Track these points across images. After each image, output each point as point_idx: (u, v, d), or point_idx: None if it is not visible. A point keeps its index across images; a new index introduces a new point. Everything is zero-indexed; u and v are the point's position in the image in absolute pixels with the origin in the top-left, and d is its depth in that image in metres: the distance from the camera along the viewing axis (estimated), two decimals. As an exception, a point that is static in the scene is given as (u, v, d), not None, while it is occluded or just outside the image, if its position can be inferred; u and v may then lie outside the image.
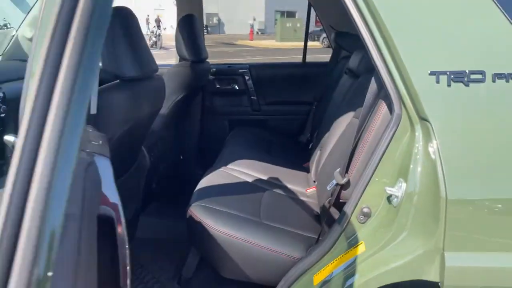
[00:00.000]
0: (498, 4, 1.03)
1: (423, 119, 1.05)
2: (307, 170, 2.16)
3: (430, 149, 1.04)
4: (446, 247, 1.02)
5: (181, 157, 2.85)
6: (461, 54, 1.04)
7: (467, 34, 1.03)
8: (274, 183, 1.91)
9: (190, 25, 2.41)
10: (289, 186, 1.91)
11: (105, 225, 0.80)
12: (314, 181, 1.94)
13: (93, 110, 1.19)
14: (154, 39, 22.21)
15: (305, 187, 1.93)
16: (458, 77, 1.03)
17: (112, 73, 1.46)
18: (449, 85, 1.03)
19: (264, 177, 1.94)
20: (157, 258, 1.99)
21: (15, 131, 1.91)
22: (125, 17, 1.47)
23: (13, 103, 2.05)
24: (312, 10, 2.97)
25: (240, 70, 2.99)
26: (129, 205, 1.82)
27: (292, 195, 1.82)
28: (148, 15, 21.86)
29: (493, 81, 1.02)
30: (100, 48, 0.59)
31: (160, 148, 2.27)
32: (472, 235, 1.03)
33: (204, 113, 2.95)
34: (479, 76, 1.03)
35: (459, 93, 1.03)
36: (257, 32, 29.31)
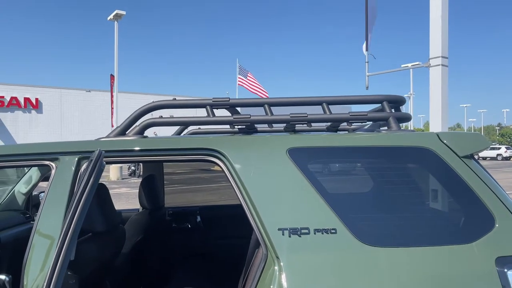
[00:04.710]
0: (317, 190, 1.80)
1: (278, 258, 1.73)
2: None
3: (282, 278, 1.69)
4: None
5: None
6: (295, 218, 1.76)
7: (298, 207, 1.78)
8: None
9: (151, 183, 3.18)
10: None
11: None
12: None
13: (72, 257, 1.83)
14: (133, 168, 22.79)
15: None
16: (294, 231, 1.74)
17: (86, 229, 2.12)
18: (289, 236, 1.73)
19: None
20: None
21: (7, 271, 2.46)
22: (98, 189, 2.19)
23: (8, 246, 2.64)
24: None
25: (193, 211, 3.71)
26: None
27: None
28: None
29: (314, 233, 1.74)
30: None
31: (122, 280, 2.81)
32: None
33: (162, 248, 3.56)
34: (306, 231, 1.74)
35: (295, 242, 1.73)
36: (233, 159, 30.95)
